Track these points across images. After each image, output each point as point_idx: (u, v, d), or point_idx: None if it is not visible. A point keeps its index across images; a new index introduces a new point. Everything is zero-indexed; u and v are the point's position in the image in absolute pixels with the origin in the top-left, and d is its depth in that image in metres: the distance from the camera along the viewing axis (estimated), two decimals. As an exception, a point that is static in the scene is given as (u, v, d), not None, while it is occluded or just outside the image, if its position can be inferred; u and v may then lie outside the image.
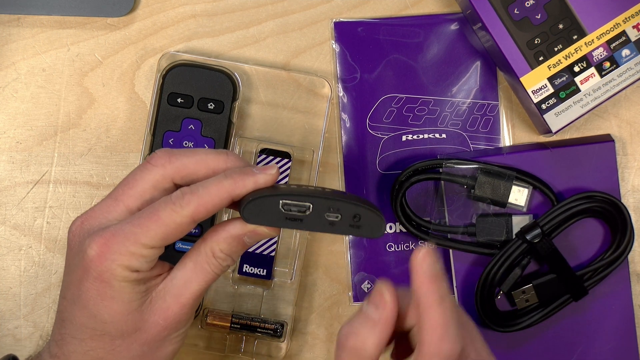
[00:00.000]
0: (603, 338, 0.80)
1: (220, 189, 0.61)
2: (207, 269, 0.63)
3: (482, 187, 0.79)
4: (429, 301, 0.60)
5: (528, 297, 0.79)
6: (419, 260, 0.61)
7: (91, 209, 0.64)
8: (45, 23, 0.81)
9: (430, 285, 0.60)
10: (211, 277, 0.63)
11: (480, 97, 0.81)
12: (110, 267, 0.61)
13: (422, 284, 0.60)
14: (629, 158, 0.82)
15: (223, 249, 0.62)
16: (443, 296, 0.61)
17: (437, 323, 0.60)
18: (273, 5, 0.81)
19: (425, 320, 0.60)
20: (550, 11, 0.77)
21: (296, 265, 0.79)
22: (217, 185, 0.61)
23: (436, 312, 0.60)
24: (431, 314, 0.60)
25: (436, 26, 0.81)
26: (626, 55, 0.78)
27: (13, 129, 0.81)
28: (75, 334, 0.63)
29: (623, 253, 0.79)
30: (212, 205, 0.61)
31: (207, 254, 0.62)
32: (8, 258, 0.80)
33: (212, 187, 0.61)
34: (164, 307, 0.62)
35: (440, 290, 0.61)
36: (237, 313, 0.79)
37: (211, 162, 0.63)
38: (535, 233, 0.78)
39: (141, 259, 0.61)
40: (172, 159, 0.63)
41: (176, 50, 0.80)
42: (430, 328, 0.60)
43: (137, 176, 0.63)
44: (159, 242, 0.61)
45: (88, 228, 0.63)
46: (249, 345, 0.80)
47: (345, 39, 0.81)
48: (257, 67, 0.80)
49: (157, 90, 0.78)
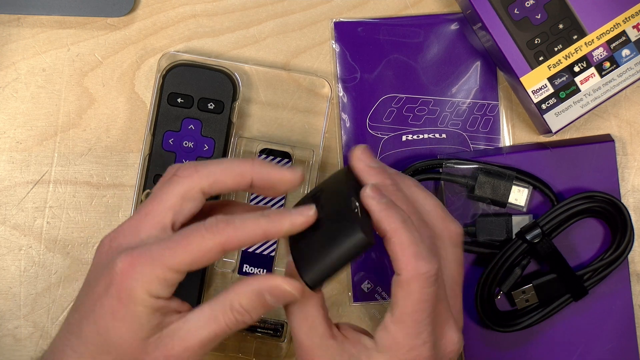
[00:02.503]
0: (603, 338, 0.80)
1: (256, 225, 0.61)
2: (221, 320, 0.61)
3: (482, 187, 0.79)
4: (392, 227, 0.61)
5: (528, 297, 0.79)
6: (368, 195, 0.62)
7: (120, 226, 0.63)
8: (45, 23, 0.81)
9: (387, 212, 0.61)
10: (223, 330, 0.61)
11: (480, 97, 0.81)
12: (132, 287, 0.60)
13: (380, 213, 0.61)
14: (629, 158, 0.82)
15: (242, 303, 0.61)
16: (404, 219, 0.61)
17: (406, 244, 0.60)
18: (273, 5, 0.81)
19: (395, 245, 0.61)
20: (550, 11, 0.77)
21: (296, 265, 0.79)
22: (253, 221, 0.61)
23: (402, 234, 0.61)
24: (397, 237, 0.61)
25: (436, 26, 0.81)
26: (626, 55, 0.78)
27: (13, 129, 0.81)
28: (77, 347, 0.62)
29: (623, 253, 0.79)
30: (245, 238, 0.61)
31: (225, 304, 0.61)
32: (8, 258, 0.80)
33: (248, 222, 0.61)
34: (169, 345, 0.61)
35: (399, 214, 0.61)
36: (237, 313, 0.79)
37: (237, 168, 0.63)
38: (535, 233, 0.78)
39: (164, 282, 0.60)
40: (198, 168, 0.63)
41: (176, 50, 0.80)
42: (401, 251, 0.60)
43: (164, 189, 0.63)
44: (185, 267, 0.60)
45: (117, 246, 0.62)
46: (249, 345, 0.80)
47: (345, 39, 0.81)
48: (257, 67, 0.80)
49: (157, 90, 0.78)
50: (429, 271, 0.60)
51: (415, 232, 0.61)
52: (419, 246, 0.61)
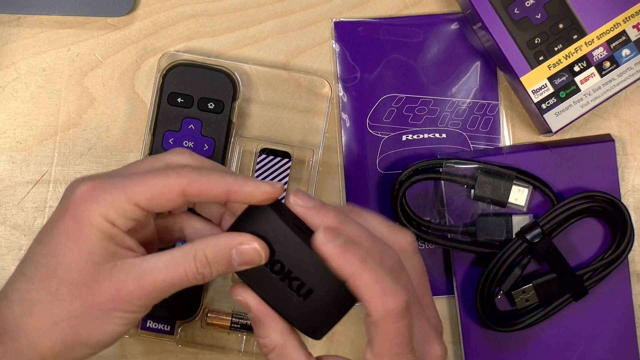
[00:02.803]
0: (603, 338, 0.80)
1: (221, 178, 0.60)
2: (181, 267, 0.60)
3: (482, 187, 0.79)
4: (352, 271, 0.59)
5: (528, 297, 0.79)
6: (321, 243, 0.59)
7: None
8: (45, 23, 0.81)
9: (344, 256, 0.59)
10: (180, 277, 0.60)
11: (480, 96, 0.81)
12: (88, 210, 0.59)
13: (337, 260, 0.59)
14: (629, 158, 0.82)
15: (208, 255, 0.60)
16: (363, 258, 0.59)
17: (370, 284, 0.59)
18: (273, 5, 0.81)
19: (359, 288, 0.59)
20: (550, 11, 0.77)
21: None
22: (219, 174, 0.60)
23: (364, 276, 0.59)
24: (360, 280, 0.59)
25: (436, 26, 0.81)
26: (626, 55, 0.78)
27: (13, 129, 0.81)
28: (26, 271, 0.61)
29: (623, 253, 0.79)
30: (207, 188, 0.60)
31: (189, 253, 0.60)
32: (8, 258, 0.80)
33: (214, 173, 0.60)
34: (123, 280, 0.60)
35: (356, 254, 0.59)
36: (237, 313, 0.79)
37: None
38: (535, 233, 0.78)
39: (120, 212, 0.60)
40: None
41: (176, 50, 0.80)
42: (367, 293, 0.59)
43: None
44: (144, 201, 0.60)
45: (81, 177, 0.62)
46: (249, 345, 0.80)
47: (345, 39, 0.81)
48: (257, 67, 0.80)
49: (157, 90, 0.78)
50: (398, 306, 0.59)
51: (377, 267, 0.60)
52: (383, 283, 0.59)
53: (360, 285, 0.59)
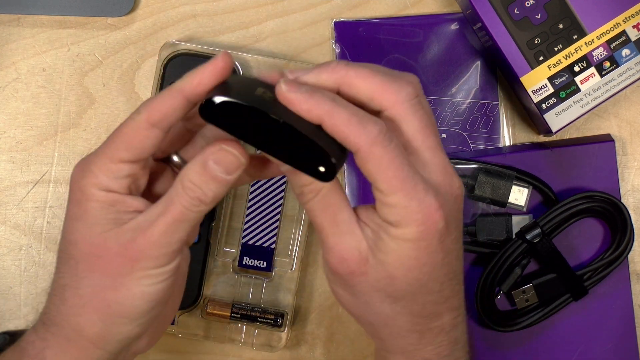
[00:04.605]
0: (603, 338, 0.80)
1: (171, 89, 0.60)
2: (176, 202, 0.60)
3: (482, 187, 0.79)
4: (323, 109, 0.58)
5: (528, 297, 0.79)
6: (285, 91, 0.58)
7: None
8: (45, 23, 0.81)
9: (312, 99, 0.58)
10: (180, 212, 0.60)
11: (480, 97, 0.81)
12: (82, 187, 0.61)
13: (304, 104, 0.58)
14: (629, 158, 0.82)
15: (191, 178, 0.60)
16: (332, 97, 0.58)
17: (346, 118, 0.58)
18: (273, 5, 0.81)
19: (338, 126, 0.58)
20: (550, 11, 0.77)
21: (296, 255, 0.79)
22: (169, 88, 0.60)
23: (339, 112, 0.58)
24: (337, 117, 0.58)
25: (436, 26, 0.81)
26: (626, 55, 0.78)
27: (13, 129, 0.81)
28: (57, 263, 0.63)
29: (623, 253, 0.79)
30: (166, 106, 0.59)
31: (177, 186, 0.60)
32: (8, 258, 0.80)
33: (164, 90, 0.60)
34: (129, 238, 0.60)
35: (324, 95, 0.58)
36: (237, 303, 0.79)
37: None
38: (535, 233, 0.78)
39: (110, 174, 0.60)
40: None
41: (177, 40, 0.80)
42: (347, 128, 0.58)
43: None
44: (124, 153, 0.60)
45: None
46: (249, 335, 0.80)
47: (346, 39, 0.81)
48: (259, 57, 0.80)
49: (158, 80, 0.78)
50: (380, 131, 0.58)
51: (348, 104, 0.58)
52: (358, 115, 0.58)
53: (338, 122, 0.58)
